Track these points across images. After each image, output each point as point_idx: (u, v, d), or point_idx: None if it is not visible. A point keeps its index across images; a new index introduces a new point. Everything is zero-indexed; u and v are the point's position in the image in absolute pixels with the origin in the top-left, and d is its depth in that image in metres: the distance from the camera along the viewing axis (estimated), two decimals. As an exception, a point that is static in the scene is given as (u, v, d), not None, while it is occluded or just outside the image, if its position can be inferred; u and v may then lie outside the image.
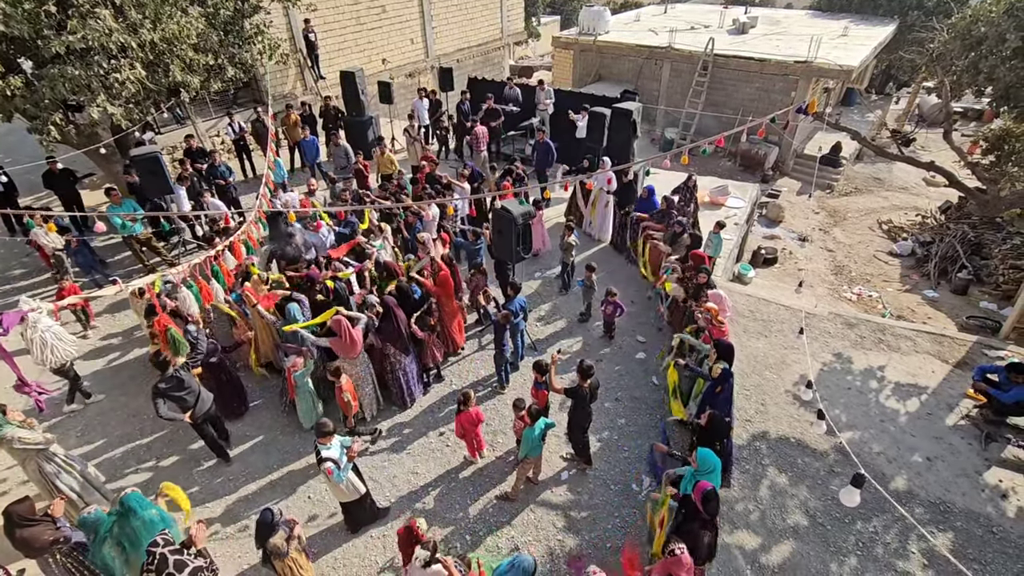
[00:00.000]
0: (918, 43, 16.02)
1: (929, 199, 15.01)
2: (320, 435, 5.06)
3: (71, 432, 6.85)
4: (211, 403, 6.08)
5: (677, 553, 4.15)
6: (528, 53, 26.64)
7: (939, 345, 8.27)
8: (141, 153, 8.49)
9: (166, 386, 5.62)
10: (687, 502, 4.67)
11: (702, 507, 4.46)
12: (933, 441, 6.80)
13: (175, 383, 5.69)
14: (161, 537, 4.13)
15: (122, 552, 4.62)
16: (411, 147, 12.34)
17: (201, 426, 6.06)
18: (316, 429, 5.12)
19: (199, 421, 5.95)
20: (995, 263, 11.15)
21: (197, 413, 5.87)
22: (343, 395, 6.13)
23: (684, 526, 4.66)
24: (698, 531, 4.51)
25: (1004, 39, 6.50)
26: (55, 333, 4.69)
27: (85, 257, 8.89)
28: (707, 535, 4.52)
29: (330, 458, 4.97)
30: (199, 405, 5.88)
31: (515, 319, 7.13)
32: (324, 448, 5.03)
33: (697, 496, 4.49)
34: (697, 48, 16.63)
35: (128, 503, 4.61)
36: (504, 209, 7.16)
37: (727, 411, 5.80)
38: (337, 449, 5.11)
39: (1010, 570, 5.48)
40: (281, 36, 13.67)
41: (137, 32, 8.28)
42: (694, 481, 4.73)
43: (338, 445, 5.14)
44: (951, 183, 7.96)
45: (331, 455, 5.01)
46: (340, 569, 5.51)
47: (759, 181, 15.04)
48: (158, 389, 5.59)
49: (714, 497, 4.47)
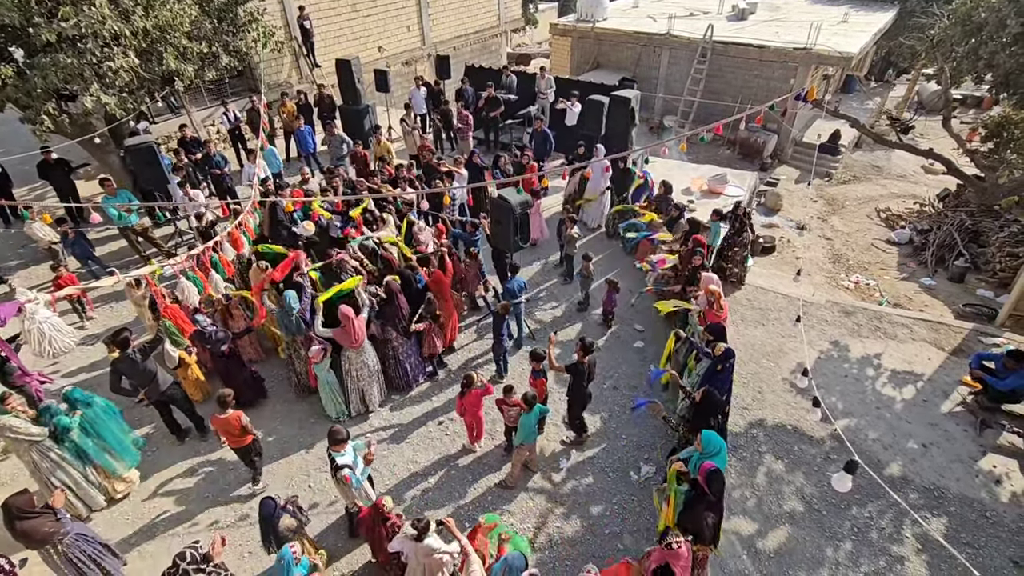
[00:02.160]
0: (918, 29, 15.90)
1: (928, 187, 14.98)
2: (334, 443, 4.98)
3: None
4: (169, 386, 6.25)
5: (674, 547, 4.19)
6: (526, 40, 26.40)
7: (935, 333, 8.31)
8: (136, 143, 8.42)
9: (120, 366, 5.84)
10: (695, 484, 4.73)
11: (707, 487, 4.50)
12: (928, 428, 6.85)
13: (127, 364, 5.86)
14: (189, 550, 4.21)
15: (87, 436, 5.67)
16: (408, 137, 12.26)
17: (157, 405, 6.28)
18: (329, 437, 5.00)
19: (152, 401, 6.16)
20: (992, 251, 11.16)
21: (150, 394, 6.07)
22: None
23: (690, 508, 4.72)
24: (703, 513, 4.57)
25: (1005, 25, 6.45)
26: (53, 324, 4.67)
27: (82, 248, 8.85)
28: (711, 517, 4.58)
29: (346, 464, 4.93)
30: (153, 387, 6.07)
31: (514, 300, 7.18)
32: (339, 455, 4.97)
33: (702, 476, 4.53)
34: (696, 35, 16.47)
35: (72, 396, 5.70)
36: (502, 198, 7.13)
37: (725, 390, 5.86)
38: (351, 455, 5.06)
39: (1003, 554, 5.55)
40: (276, 24, 13.51)
41: (130, 19, 8.18)
42: (700, 463, 4.78)
43: (351, 451, 5.10)
44: (949, 171, 7.94)
45: (346, 461, 4.96)
46: (341, 557, 5.56)
47: (758, 169, 14.99)
48: (114, 366, 5.87)
49: (718, 477, 4.51)
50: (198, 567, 4.14)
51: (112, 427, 5.97)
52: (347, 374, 6.71)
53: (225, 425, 5.51)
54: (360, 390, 6.82)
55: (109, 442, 5.90)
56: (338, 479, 4.99)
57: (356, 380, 6.74)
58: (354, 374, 6.69)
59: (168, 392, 6.25)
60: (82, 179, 11.68)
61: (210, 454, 6.55)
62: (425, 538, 4.34)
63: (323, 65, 15.48)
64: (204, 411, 6.81)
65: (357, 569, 5.46)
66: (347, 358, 6.62)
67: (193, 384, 6.94)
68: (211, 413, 5.70)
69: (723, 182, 11.71)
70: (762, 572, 5.42)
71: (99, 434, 5.82)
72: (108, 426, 5.92)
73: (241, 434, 5.63)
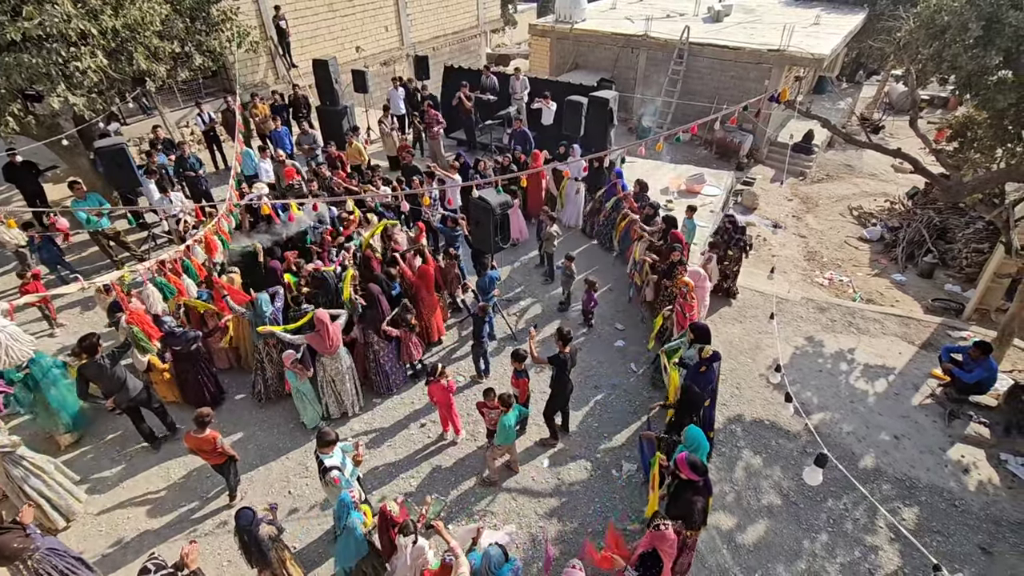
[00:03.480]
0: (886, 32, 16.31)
1: (897, 185, 15.40)
2: (322, 445, 4.95)
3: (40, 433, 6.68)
4: (140, 392, 6.19)
5: (662, 529, 4.26)
6: (505, 41, 26.44)
7: (906, 327, 8.54)
8: (106, 145, 8.21)
9: (88, 371, 5.82)
10: (676, 475, 4.83)
11: (691, 471, 4.58)
12: (900, 420, 7.04)
13: (95, 369, 5.82)
14: (152, 563, 4.09)
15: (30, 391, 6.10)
16: (386, 138, 12.18)
17: (128, 412, 6.21)
18: (318, 439, 4.98)
19: (123, 407, 6.10)
20: (959, 247, 11.52)
21: (119, 400, 6.01)
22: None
23: (677, 497, 4.82)
24: (691, 499, 4.67)
25: (966, 28, 6.64)
26: (11, 333, 4.52)
27: (50, 253, 8.59)
28: (700, 500, 4.68)
29: (335, 467, 4.89)
30: (123, 393, 6.01)
31: (487, 295, 7.34)
32: (327, 457, 4.93)
33: (682, 467, 4.62)
34: (673, 36, 16.68)
35: None
36: (481, 199, 7.14)
37: (707, 389, 5.95)
38: (339, 456, 5.02)
39: (971, 540, 5.73)
40: (251, 23, 13.31)
41: (97, 18, 7.97)
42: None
43: (339, 452, 5.06)
44: (917, 170, 8.15)
45: (334, 463, 4.92)
46: (323, 563, 5.50)
47: (734, 169, 15.24)
48: (81, 373, 5.85)
49: (699, 461, 4.60)
50: (168, 573, 4.04)
51: (57, 387, 6.25)
52: (323, 379, 6.64)
53: (200, 444, 5.40)
54: (336, 393, 6.76)
55: (50, 401, 6.14)
56: (326, 481, 4.95)
57: (332, 384, 6.68)
58: (329, 378, 6.63)
59: (138, 398, 6.16)
60: (50, 182, 11.35)
61: (185, 459, 6.42)
62: (418, 540, 4.35)
63: (300, 65, 15.30)
64: (177, 414, 6.75)
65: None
66: (322, 364, 6.55)
67: (166, 385, 6.85)
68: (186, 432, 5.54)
69: (700, 181, 11.90)
70: (741, 566, 5.51)
71: (41, 391, 6.14)
72: (52, 385, 6.20)
73: (216, 454, 5.52)
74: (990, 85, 7.04)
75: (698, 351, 5.90)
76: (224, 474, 5.84)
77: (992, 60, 6.69)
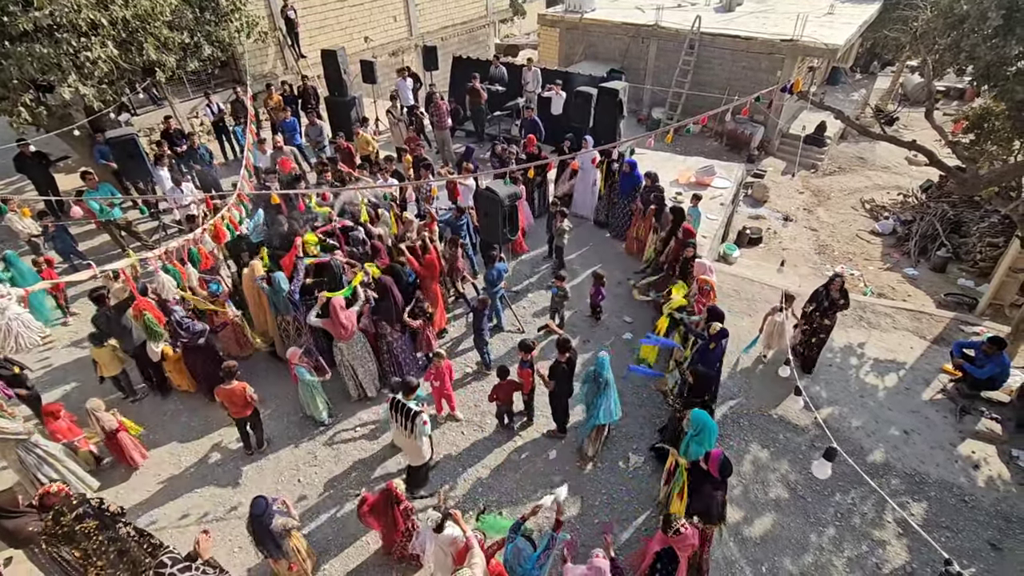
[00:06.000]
0: (902, 21, 16.03)
1: (911, 178, 15.19)
2: (407, 391, 5.39)
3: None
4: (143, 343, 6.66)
5: (682, 532, 4.25)
6: (514, 31, 26.23)
7: (918, 322, 8.45)
8: (117, 135, 8.27)
9: (98, 321, 6.37)
10: (695, 468, 4.88)
11: (718, 473, 4.65)
12: (910, 415, 6.98)
13: (103, 319, 6.38)
14: (168, 556, 4.13)
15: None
16: (394, 128, 12.16)
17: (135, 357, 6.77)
18: (404, 387, 5.42)
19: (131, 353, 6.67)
20: (973, 241, 11.36)
21: (126, 347, 6.58)
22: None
23: (696, 491, 4.86)
24: (711, 493, 4.72)
25: (986, 17, 6.51)
26: (23, 321, 4.56)
27: (63, 242, 8.69)
28: (720, 494, 4.73)
29: (422, 411, 5.28)
30: (128, 340, 6.59)
31: (494, 288, 7.35)
32: (413, 403, 5.34)
33: (712, 462, 4.69)
34: (684, 26, 16.47)
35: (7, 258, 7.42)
36: (489, 190, 7.12)
37: (716, 367, 6.04)
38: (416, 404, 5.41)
39: (980, 536, 5.69)
40: (259, 14, 13.29)
41: (108, 8, 8.01)
42: (692, 445, 5.01)
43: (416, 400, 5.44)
44: (932, 162, 8.03)
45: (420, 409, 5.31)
46: (333, 551, 5.57)
47: (745, 161, 15.09)
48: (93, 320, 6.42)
49: (729, 464, 4.69)
50: (184, 566, 4.10)
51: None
52: (340, 364, 6.76)
53: (230, 395, 5.74)
54: (355, 377, 6.87)
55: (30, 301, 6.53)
56: (416, 424, 5.23)
57: (350, 368, 6.78)
58: (347, 363, 6.73)
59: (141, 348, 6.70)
60: (61, 172, 11.45)
61: (195, 446, 6.52)
62: (444, 528, 4.38)
63: (308, 56, 15.28)
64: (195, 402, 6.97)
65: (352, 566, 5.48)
66: (339, 349, 6.64)
67: (181, 374, 6.95)
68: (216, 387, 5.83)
69: (711, 173, 11.78)
70: (748, 558, 5.52)
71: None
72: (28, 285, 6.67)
73: (245, 405, 5.84)
74: (1009, 76, 6.91)
75: (707, 328, 6.02)
76: (253, 427, 6.28)
77: (1012, 50, 6.56)
